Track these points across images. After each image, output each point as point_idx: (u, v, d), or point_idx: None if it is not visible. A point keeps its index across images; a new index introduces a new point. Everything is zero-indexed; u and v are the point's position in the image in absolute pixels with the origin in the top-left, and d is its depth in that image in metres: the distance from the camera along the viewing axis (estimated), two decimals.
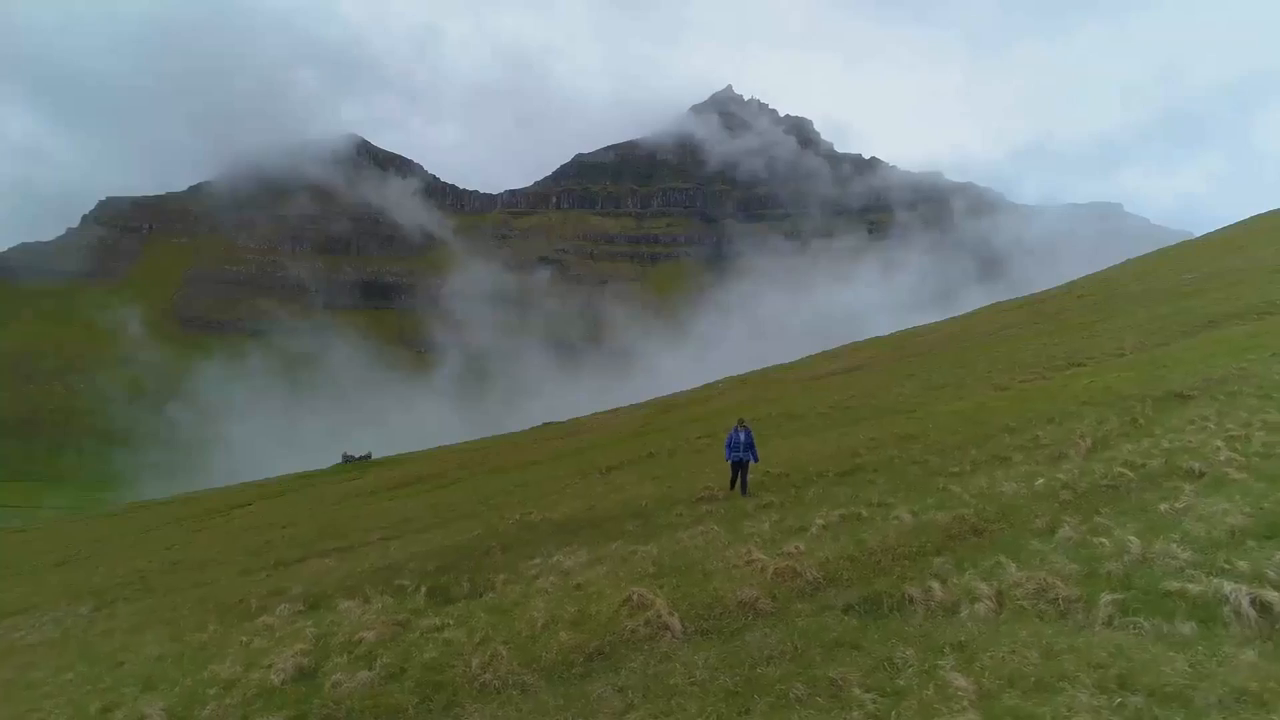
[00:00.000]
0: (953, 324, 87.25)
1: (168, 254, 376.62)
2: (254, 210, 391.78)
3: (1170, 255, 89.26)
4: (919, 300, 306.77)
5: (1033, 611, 6.75)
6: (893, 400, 38.38)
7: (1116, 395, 20.95)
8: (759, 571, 9.59)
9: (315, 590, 16.95)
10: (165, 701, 9.11)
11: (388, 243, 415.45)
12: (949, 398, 33.76)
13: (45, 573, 49.81)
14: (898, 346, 79.61)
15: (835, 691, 5.90)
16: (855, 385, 54.23)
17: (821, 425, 35.13)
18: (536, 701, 7.33)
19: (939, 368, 51.53)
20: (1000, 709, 5.10)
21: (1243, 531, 7.59)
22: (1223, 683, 4.92)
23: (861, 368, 69.15)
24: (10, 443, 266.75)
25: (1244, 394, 16.93)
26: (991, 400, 28.26)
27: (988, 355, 51.82)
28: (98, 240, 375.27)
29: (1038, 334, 57.99)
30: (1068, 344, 45.49)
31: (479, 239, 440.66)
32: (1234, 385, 18.37)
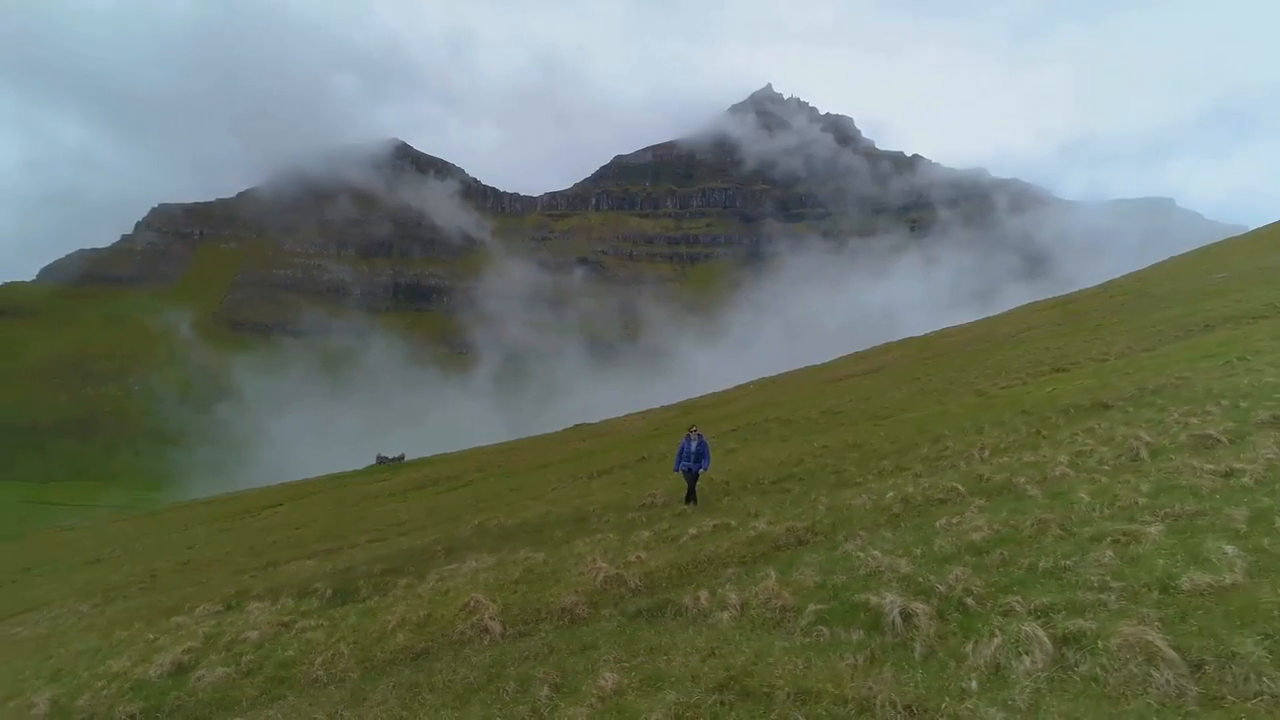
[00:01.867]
0: (982, 325, 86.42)
1: (217, 258, 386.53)
2: (298, 215, 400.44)
3: (1210, 253, 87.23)
4: (959, 299, 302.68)
5: (759, 620, 7.43)
6: (879, 406, 38.73)
7: (1052, 404, 21.31)
8: (592, 579, 10.40)
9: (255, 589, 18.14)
10: (56, 692, 10.23)
11: (428, 245, 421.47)
12: (926, 404, 34.11)
13: (77, 570, 51.96)
14: (924, 348, 79.21)
15: (524, 687, 6.72)
16: (860, 389, 54.40)
17: (801, 431, 35.66)
18: (344, 695, 8.26)
19: (942, 371, 51.54)
20: (612, 704, 5.88)
21: (972, 546, 8.19)
22: (808, 681, 5.64)
23: (880, 370, 69.04)
24: (69, 442, 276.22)
25: (1158, 405, 17.23)
26: (955, 407, 28.64)
27: (992, 359, 51.64)
28: (150, 246, 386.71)
29: (1053, 335, 57.58)
30: (1067, 348, 45.24)
31: (518, 241, 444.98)
32: (1160, 396, 18.62)
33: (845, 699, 5.27)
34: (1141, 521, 7.75)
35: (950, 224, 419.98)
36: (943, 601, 6.71)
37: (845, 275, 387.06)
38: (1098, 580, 6.41)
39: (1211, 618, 5.39)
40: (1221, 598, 5.63)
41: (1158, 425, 14.08)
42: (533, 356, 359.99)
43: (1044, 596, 6.30)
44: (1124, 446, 11.99)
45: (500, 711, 6.24)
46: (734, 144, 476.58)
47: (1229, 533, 6.90)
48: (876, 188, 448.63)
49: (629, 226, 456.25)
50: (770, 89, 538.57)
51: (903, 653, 6.06)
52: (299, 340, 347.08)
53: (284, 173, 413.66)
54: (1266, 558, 6.10)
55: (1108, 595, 6.04)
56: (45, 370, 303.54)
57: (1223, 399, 15.58)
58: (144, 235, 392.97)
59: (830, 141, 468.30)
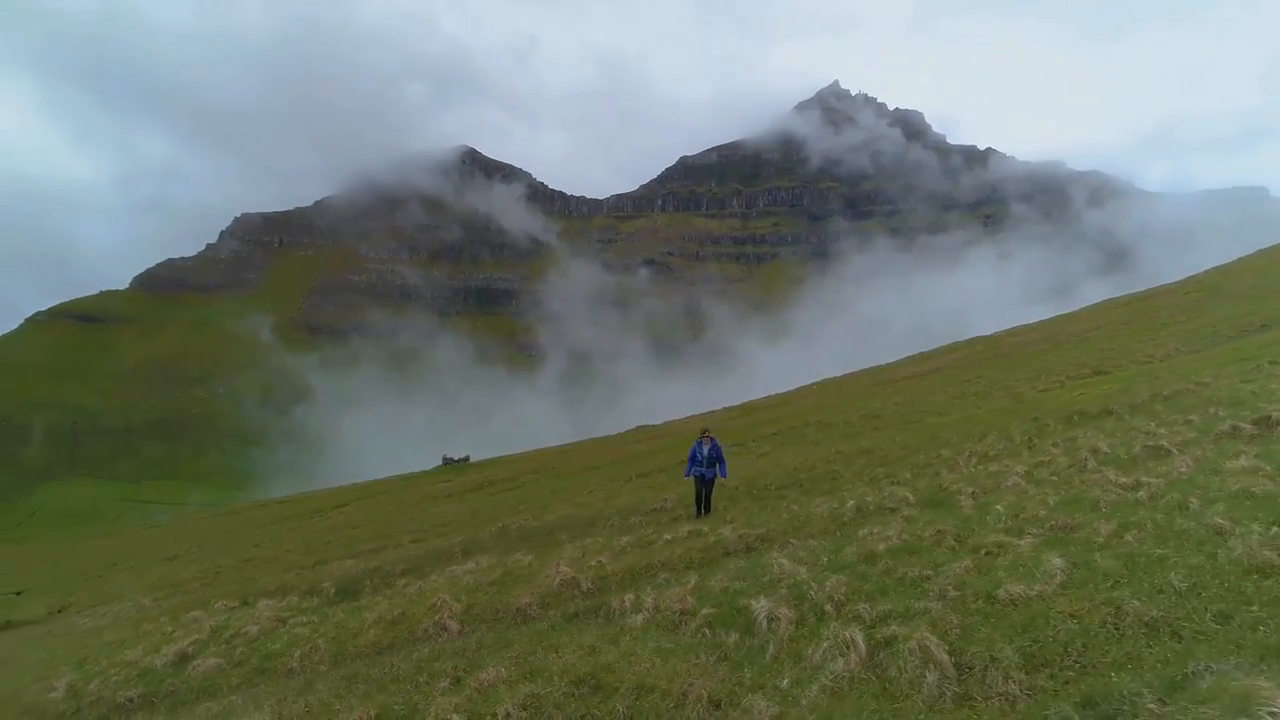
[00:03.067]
0: (1052, 324, 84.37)
1: (295, 265, 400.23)
2: (371, 221, 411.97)
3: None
4: (1034, 296, 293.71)
5: (662, 622, 8.03)
6: (915, 410, 38.57)
7: (1065, 410, 21.22)
8: (551, 582, 11.15)
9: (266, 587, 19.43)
10: (75, 677, 11.47)
11: (497, 249, 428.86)
12: (958, 408, 33.96)
13: (154, 566, 54.93)
14: (988, 348, 77.89)
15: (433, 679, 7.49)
16: (907, 392, 54.02)
17: (834, 435, 35.80)
18: (299, 684, 9.19)
19: (991, 373, 50.96)
20: (482, 694, 6.59)
21: (870, 555, 8.63)
22: (649, 678, 6.27)
23: (937, 371, 68.26)
24: (159, 444, 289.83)
25: (1155, 411, 17.17)
26: (982, 412, 28.53)
27: (1044, 360, 50.78)
28: (233, 254, 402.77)
29: (1115, 335, 56.32)
30: (1120, 348, 44.35)
31: (585, 243, 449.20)
32: (1164, 402, 18.49)
33: (670, 693, 5.91)
34: (1022, 534, 8.14)
35: (1025, 219, 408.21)
36: (809, 607, 7.27)
37: (914, 273, 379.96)
38: (939, 590, 6.89)
39: (1002, 625, 5.85)
40: (1024, 607, 6.07)
41: (1133, 434, 14.14)
42: (599, 357, 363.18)
43: (889, 604, 6.82)
44: (1076, 457, 12.20)
45: (401, 699, 7.03)
46: (800, 142, 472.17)
47: (1085, 545, 7.27)
48: (947, 183, 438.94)
49: (695, 227, 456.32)
50: (837, 85, 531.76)
51: (757, 653, 6.66)
52: (373, 343, 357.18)
53: (357, 181, 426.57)
54: (1087, 571, 6.49)
55: (940, 603, 6.53)
56: (137, 374, 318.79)
57: (1215, 406, 15.52)
58: (227, 244, 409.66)
59: (898, 137, 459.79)
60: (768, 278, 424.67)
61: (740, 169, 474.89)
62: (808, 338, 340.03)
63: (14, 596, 52.48)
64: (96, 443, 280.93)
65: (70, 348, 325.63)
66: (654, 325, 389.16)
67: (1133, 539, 7.10)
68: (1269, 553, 5.96)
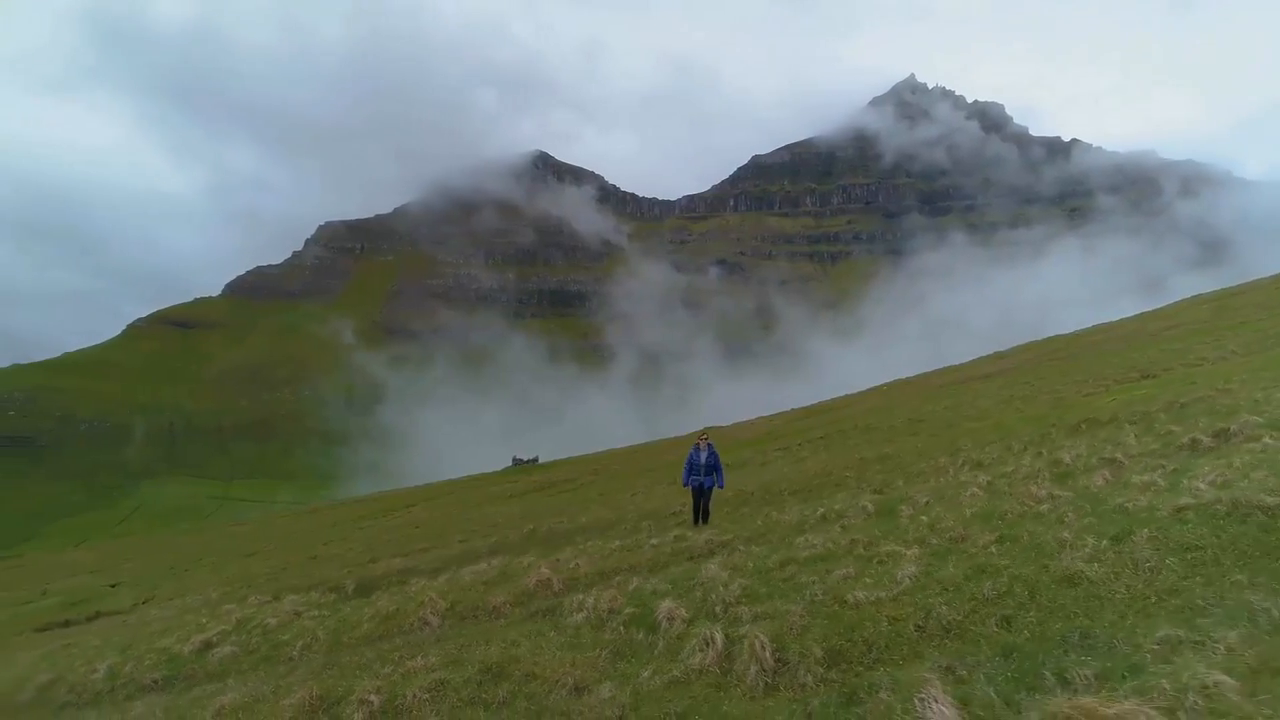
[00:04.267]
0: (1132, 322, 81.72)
1: (376, 270, 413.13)
2: (447, 227, 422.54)
3: None
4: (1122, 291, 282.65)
5: (594, 620, 8.78)
6: (959, 414, 38.40)
7: (1083, 416, 21.29)
8: (528, 583, 12.15)
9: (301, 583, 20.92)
10: (115, 661, 12.96)
11: (570, 252, 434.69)
12: (1001, 412, 33.78)
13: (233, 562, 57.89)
14: (1062, 347, 76.09)
15: (383, 664, 8.55)
16: (963, 394, 53.48)
17: (873, 439, 35.98)
18: (285, 669, 10.37)
19: (1049, 375, 50.06)
20: (406, 677, 7.60)
21: (789, 561, 9.30)
22: (539, 668, 7.16)
23: (1003, 373, 67.13)
24: (249, 444, 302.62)
25: (1157, 421, 17.24)
26: (1013, 417, 28.52)
27: (1105, 361, 49.62)
28: (317, 261, 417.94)
29: (1186, 335, 54.65)
30: (1182, 350, 43.18)
31: (657, 244, 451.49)
32: (1172, 411, 18.50)
33: (549, 680, 6.82)
34: (923, 543, 8.75)
35: (1112, 211, 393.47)
36: (704, 609, 8.07)
37: (993, 270, 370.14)
38: (811, 594, 7.60)
39: (834, 625, 6.57)
40: (859, 610, 6.77)
41: (1108, 445, 14.31)
42: (670, 357, 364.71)
43: (765, 606, 7.58)
44: (1035, 469, 12.61)
45: (342, 683, 8.07)
46: (874, 138, 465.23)
47: (960, 555, 7.86)
48: (1028, 176, 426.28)
49: (768, 226, 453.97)
50: (913, 79, 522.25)
51: (647, 648, 7.51)
52: (449, 344, 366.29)
53: (434, 187, 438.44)
54: (930, 579, 7.13)
55: (802, 606, 7.26)
56: (228, 378, 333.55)
57: (1212, 416, 15.56)
58: (312, 251, 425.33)
59: (976, 130, 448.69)
60: (841, 276, 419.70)
61: (813, 167, 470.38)
62: (881, 337, 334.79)
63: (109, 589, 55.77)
64: (192, 443, 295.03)
65: (167, 352, 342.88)
66: (725, 325, 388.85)
67: (996, 550, 7.68)
68: (1083, 564, 6.52)
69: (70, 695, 11.89)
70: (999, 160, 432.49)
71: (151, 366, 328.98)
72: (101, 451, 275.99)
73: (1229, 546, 6.29)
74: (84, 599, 46.45)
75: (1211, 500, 7.23)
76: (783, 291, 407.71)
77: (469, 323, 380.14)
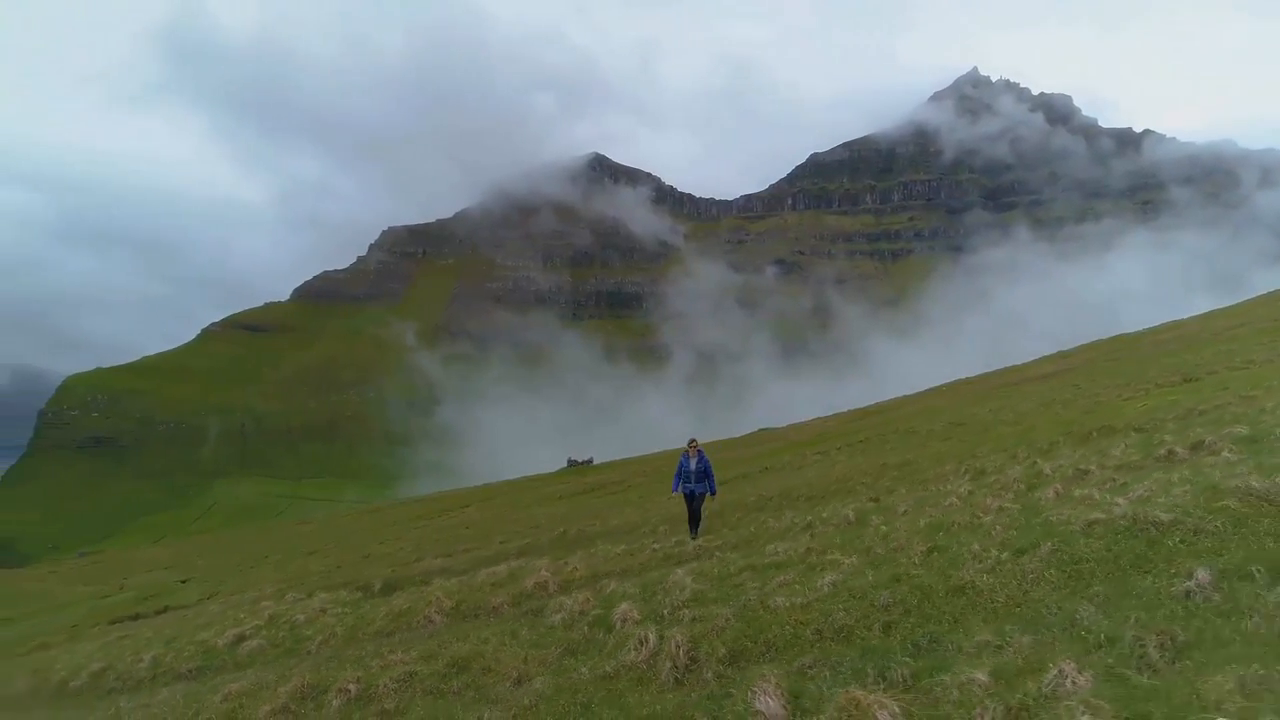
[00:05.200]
0: (1199, 320, 79.55)
1: (437, 274, 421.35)
2: (506, 230, 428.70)
3: None
4: (1196, 287, 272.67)
5: (568, 621, 9.60)
6: (1001, 417, 38.24)
7: (1096, 424, 21.38)
8: (528, 584, 13.05)
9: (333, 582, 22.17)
10: (159, 652, 14.26)
11: (627, 253, 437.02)
12: (1037, 416, 33.64)
13: (295, 560, 60.04)
14: (1123, 347, 74.53)
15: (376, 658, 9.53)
16: (1009, 398, 53.03)
17: (909, 444, 36.04)
18: (297, 661, 11.47)
19: (1099, 377, 49.34)
20: (384, 669, 8.52)
21: (747, 569, 10.01)
22: (496, 662, 7.99)
23: (1060, 373, 66.06)
24: (316, 444, 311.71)
25: (1163, 430, 17.35)
26: (1043, 423, 28.53)
27: (1157, 363, 48.71)
28: (381, 265, 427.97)
29: (1253, 335, 53.27)
30: (1236, 351, 42.24)
31: (715, 244, 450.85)
32: (1189, 419, 18.59)
33: (499, 672, 7.70)
34: (867, 553, 9.36)
35: (1187, 204, 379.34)
36: (655, 612, 8.84)
37: (1059, 266, 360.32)
38: (746, 599, 8.31)
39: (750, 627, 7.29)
40: (776, 614, 7.47)
41: (1097, 456, 14.55)
42: (727, 357, 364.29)
43: (703, 610, 8.33)
44: (1010, 479, 13.03)
45: (332, 674, 9.03)
46: (934, 133, 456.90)
47: (888, 565, 8.45)
48: (1097, 169, 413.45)
49: (826, 225, 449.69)
50: (975, 72, 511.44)
51: (597, 647, 8.32)
52: (508, 346, 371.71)
53: (492, 192, 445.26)
54: (844, 589, 7.76)
55: (733, 610, 7.97)
56: (297, 380, 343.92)
57: (1218, 425, 15.68)
58: (375, 255, 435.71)
59: (1040, 123, 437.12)
60: (902, 274, 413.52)
61: (872, 164, 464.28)
62: (943, 335, 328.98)
63: (180, 584, 58.41)
64: (262, 443, 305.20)
65: (239, 355, 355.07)
66: (782, 324, 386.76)
67: (919, 561, 8.25)
68: (978, 576, 7.10)
69: (116, 682, 13.19)
70: (1065, 153, 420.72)
71: (224, 369, 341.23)
72: (178, 451, 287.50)
73: (1110, 560, 6.80)
74: (155, 593, 48.79)
75: (1119, 515, 7.71)
76: (841, 290, 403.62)
77: (527, 324, 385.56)
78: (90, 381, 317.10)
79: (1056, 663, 4.61)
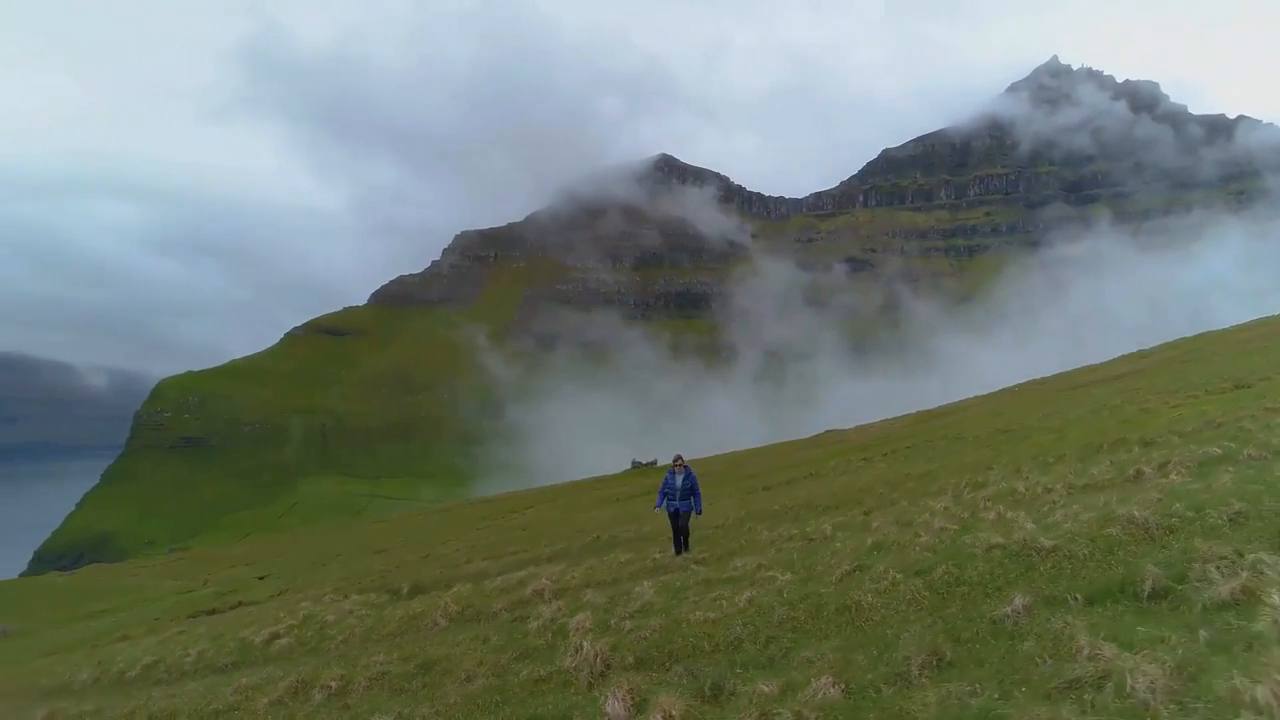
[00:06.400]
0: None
1: (508, 277, 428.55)
2: (574, 232, 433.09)
3: None
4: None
5: (543, 627, 10.71)
6: (1049, 423, 37.89)
7: (1125, 434, 21.45)
8: (528, 590, 14.17)
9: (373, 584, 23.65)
10: (204, 648, 15.84)
11: (696, 254, 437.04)
12: (1083, 424, 33.34)
13: (363, 558, 62.42)
14: (1206, 345, 72.13)
15: (374, 653, 10.72)
16: (1072, 400, 52.16)
17: (956, 450, 36.11)
18: (313, 656, 12.79)
19: (1162, 379, 48.32)
20: (367, 665, 9.68)
21: (702, 583, 10.89)
22: (456, 661, 9.05)
23: (1133, 373, 64.48)
24: (393, 445, 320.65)
25: (1168, 447, 17.50)
26: (1076, 432, 28.38)
27: (1214, 367, 47.41)
28: (454, 269, 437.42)
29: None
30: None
31: (784, 243, 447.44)
32: (1199, 434, 18.65)
33: (451, 670, 8.79)
34: (798, 570, 10.16)
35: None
36: (605, 620, 9.82)
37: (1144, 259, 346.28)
38: (679, 611, 9.21)
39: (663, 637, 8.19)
40: (690, 627, 8.39)
41: (1079, 473, 14.84)
42: (796, 357, 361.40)
43: (640, 621, 9.28)
44: (980, 496, 13.57)
45: (324, 671, 10.27)
46: (1011, 126, 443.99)
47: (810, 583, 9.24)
48: (1185, 158, 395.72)
49: (900, 222, 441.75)
50: (1055, 61, 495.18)
51: (548, 651, 9.34)
52: (577, 348, 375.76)
53: (561, 194, 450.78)
54: (752, 605, 8.59)
55: (661, 620, 8.91)
56: (375, 382, 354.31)
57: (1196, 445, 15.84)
58: (448, 259, 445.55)
59: (1124, 111, 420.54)
60: (979, 270, 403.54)
61: (946, 159, 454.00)
62: (1020, 333, 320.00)
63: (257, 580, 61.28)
64: (342, 443, 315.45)
65: (320, 359, 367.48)
66: (853, 323, 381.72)
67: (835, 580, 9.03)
68: (870, 595, 7.87)
69: (164, 674, 14.77)
70: (1151, 142, 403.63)
71: (306, 372, 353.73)
72: (263, 451, 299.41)
73: (981, 584, 7.50)
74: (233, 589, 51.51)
75: (1014, 541, 8.36)
76: (913, 287, 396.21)
77: (595, 324, 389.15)
78: (182, 384, 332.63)
79: (822, 677, 5.42)
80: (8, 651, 34.61)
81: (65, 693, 14.90)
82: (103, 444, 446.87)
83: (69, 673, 16.97)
